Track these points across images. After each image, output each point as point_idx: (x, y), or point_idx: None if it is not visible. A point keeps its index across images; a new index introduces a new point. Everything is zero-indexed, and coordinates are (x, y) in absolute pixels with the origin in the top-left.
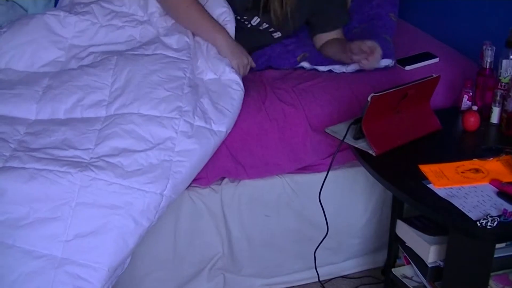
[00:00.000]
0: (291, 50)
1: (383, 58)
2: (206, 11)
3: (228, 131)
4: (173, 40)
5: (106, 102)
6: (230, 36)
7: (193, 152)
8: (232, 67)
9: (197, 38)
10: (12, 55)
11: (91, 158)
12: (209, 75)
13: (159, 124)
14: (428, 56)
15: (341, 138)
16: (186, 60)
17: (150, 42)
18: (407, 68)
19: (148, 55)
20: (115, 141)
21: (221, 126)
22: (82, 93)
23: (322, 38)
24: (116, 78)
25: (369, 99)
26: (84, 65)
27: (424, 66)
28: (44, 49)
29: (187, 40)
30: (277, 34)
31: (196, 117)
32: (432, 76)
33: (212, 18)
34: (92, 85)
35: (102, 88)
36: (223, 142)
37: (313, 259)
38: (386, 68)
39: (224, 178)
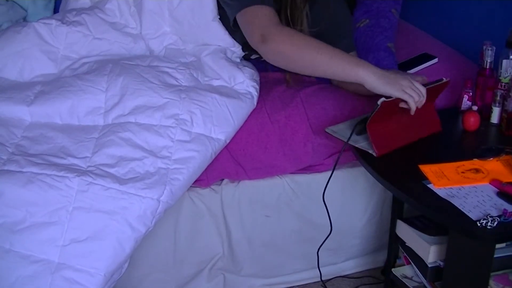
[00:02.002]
0: None
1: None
2: (333, 48)
3: (227, 141)
4: (170, 60)
5: (103, 109)
6: (372, 65)
7: (191, 160)
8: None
9: (203, 56)
10: (4, 64)
11: (89, 166)
12: (218, 83)
13: (156, 133)
14: (427, 57)
15: (341, 138)
16: (182, 70)
17: (145, 56)
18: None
19: (143, 66)
20: (112, 149)
21: (221, 134)
22: (76, 98)
23: None
24: (111, 84)
25: (379, 103)
26: (78, 75)
27: (425, 68)
28: (36, 60)
29: (186, 60)
30: None
31: (194, 124)
32: (443, 79)
33: (343, 53)
34: (86, 90)
35: (96, 94)
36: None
37: (313, 259)
38: None
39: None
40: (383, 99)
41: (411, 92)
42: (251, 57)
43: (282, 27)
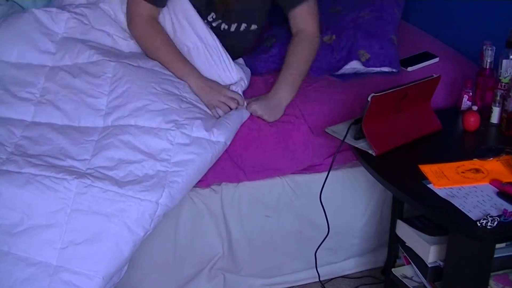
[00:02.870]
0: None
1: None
2: (176, 49)
3: (228, 143)
4: None
5: (103, 112)
6: (201, 76)
7: (190, 163)
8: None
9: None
10: (4, 48)
11: (88, 168)
12: None
13: (155, 136)
14: (428, 56)
15: (341, 138)
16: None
17: (146, 57)
18: (409, 69)
19: (146, 68)
20: (111, 152)
21: (220, 137)
22: (80, 100)
23: (292, 16)
24: (114, 88)
25: (369, 99)
26: (80, 66)
27: (426, 66)
28: (36, 40)
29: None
30: (233, 27)
31: (194, 128)
32: (433, 76)
33: (183, 58)
34: (89, 93)
35: (99, 97)
36: None
37: (313, 259)
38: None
39: None
40: (372, 94)
41: (219, 104)
42: (208, 18)
43: (148, 24)
